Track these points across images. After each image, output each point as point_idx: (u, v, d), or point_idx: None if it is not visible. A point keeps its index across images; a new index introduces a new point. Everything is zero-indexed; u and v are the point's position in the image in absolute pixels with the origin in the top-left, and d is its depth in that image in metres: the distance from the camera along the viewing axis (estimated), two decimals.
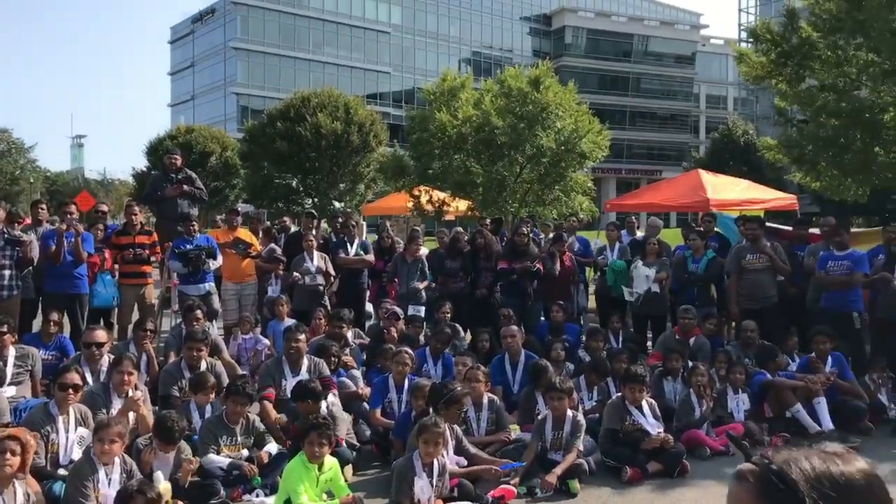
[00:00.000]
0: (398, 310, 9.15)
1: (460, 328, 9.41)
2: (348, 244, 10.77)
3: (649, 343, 9.99)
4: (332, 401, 6.39)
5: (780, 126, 17.49)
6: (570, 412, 6.06)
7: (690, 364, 7.44)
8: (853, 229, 11.11)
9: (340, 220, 12.08)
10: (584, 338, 8.92)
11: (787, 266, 9.31)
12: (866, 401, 7.55)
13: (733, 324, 9.74)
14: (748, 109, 74.41)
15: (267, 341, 8.95)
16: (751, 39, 16.65)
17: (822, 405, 7.09)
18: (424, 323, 9.56)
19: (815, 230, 10.60)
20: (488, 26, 73.29)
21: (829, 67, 14.67)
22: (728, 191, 14.58)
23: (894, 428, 7.35)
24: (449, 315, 9.20)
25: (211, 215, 27.19)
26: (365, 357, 8.54)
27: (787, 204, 15.15)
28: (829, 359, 7.76)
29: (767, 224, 11.32)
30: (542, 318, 10.04)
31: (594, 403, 7.18)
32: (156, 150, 39.81)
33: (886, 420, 7.55)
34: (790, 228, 11.08)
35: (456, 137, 19.18)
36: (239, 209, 11.53)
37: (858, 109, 14.18)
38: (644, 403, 6.31)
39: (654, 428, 6.21)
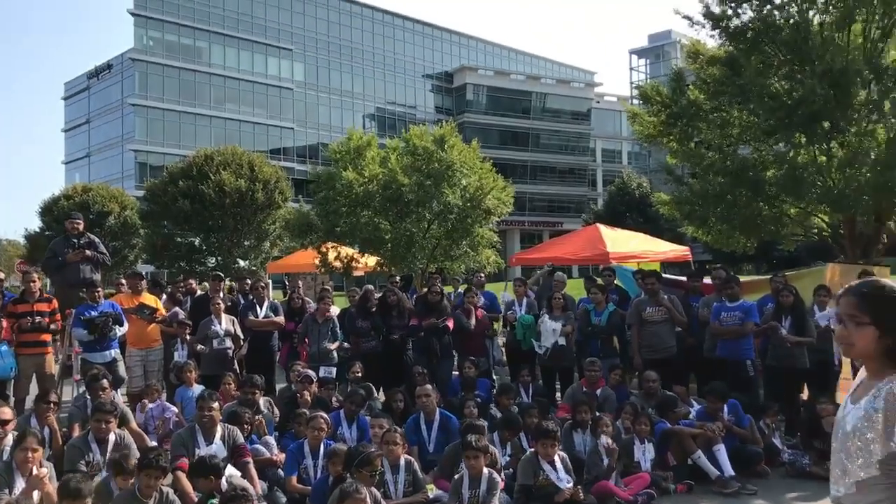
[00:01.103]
0: (311, 373, 9.10)
1: (373, 388, 9.44)
2: (258, 306, 10.69)
3: (558, 395, 10.25)
4: (230, 472, 6.25)
5: (671, 183, 18.44)
6: (485, 470, 6.18)
7: (598, 415, 7.69)
8: (743, 278, 11.77)
9: (249, 281, 11.98)
10: (495, 393, 9.08)
11: (684, 317, 9.80)
12: (761, 445, 7.96)
13: (635, 374, 10.12)
14: (642, 163, 77.89)
15: (175, 409, 8.72)
16: (642, 101, 17.57)
17: (721, 451, 7.44)
18: (337, 384, 9.54)
19: (709, 280, 11.19)
20: (391, 83, 74.46)
21: (714, 128, 15.65)
22: (626, 244, 15.21)
23: (787, 469, 7.77)
24: (360, 374, 9.23)
25: (110, 276, 26.30)
26: (277, 422, 8.44)
27: (680, 255, 15.93)
28: (726, 407, 8.16)
29: (664, 276, 11.91)
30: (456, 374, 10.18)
31: (507, 459, 7.32)
32: (50, 210, 38.37)
33: (780, 463, 7.97)
34: (685, 279, 11.64)
35: (363, 195, 19.33)
36: (143, 273, 11.28)
37: (742, 167, 15.16)
38: (556, 458, 6.49)
39: (565, 482, 6.39)
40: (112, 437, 6.56)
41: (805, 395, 9.42)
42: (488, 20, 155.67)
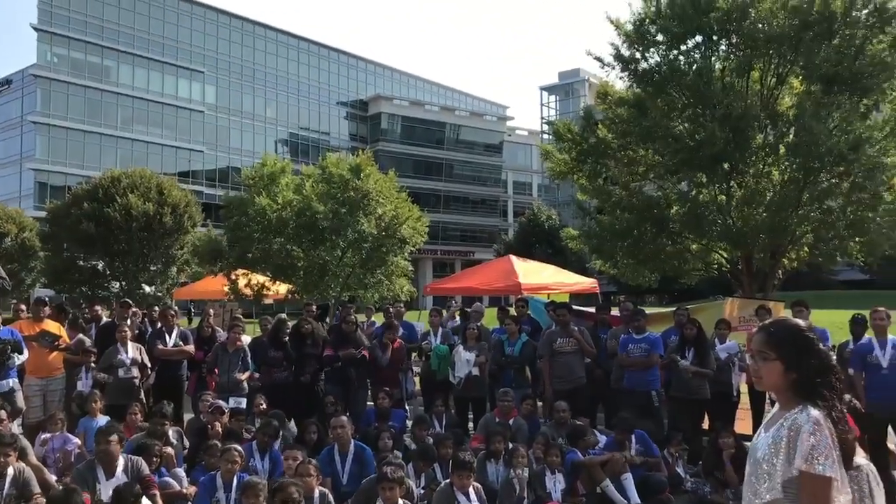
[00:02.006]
0: (222, 403, 8.92)
1: (284, 417, 9.31)
2: (167, 334, 10.43)
3: (470, 425, 10.35)
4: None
5: (580, 217, 19.00)
6: (401, 501, 6.19)
7: (511, 446, 7.81)
8: (648, 310, 12.24)
9: (158, 309, 11.67)
10: (409, 424, 9.11)
11: (593, 349, 10.09)
12: (666, 474, 8.25)
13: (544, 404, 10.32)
14: (551, 196, 79.79)
15: (77, 440, 8.37)
16: (554, 138, 18.09)
17: (629, 480, 7.67)
18: (248, 415, 9.37)
19: (616, 312, 11.57)
20: (305, 109, 74.02)
21: (621, 166, 16.27)
22: (537, 275, 15.56)
23: (690, 497, 8.07)
24: (263, 407, 9.10)
25: (6, 301, 25.06)
26: (186, 454, 8.23)
27: (589, 287, 16.39)
28: (633, 436, 8.42)
29: (574, 307, 12.25)
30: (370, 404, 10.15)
31: (422, 491, 7.35)
32: None
33: (684, 491, 8.27)
34: (594, 311, 12.00)
35: (276, 221, 19.13)
36: (46, 299, 10.83)
37: (647, 205, 15.80)
38: (471, 489, 6.56)
39: None
40: (10, 471, 6.28)
41: (706, 424, 9.81)
42: (404, 51, 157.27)
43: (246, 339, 10.88)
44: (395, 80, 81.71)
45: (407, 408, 11.21)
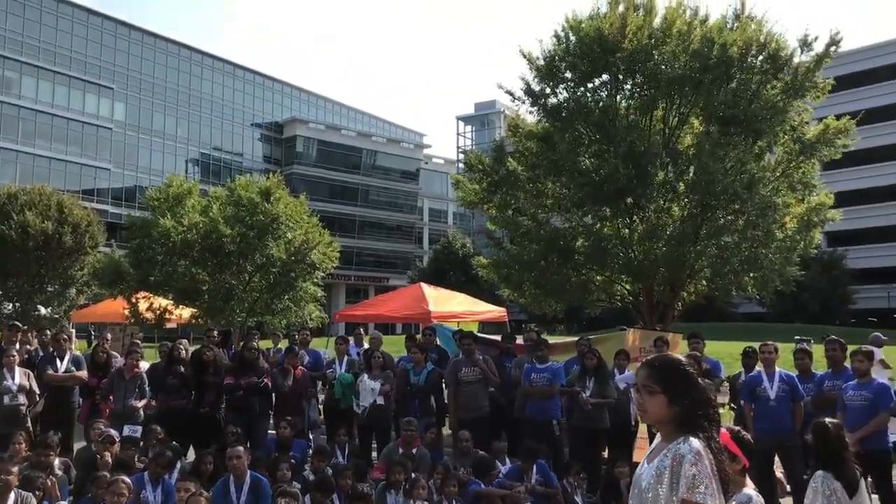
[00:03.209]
0: (113, 432, 8.58)
1: (180, 449, 9.02)
2: (58, 359, 9.98)
3: (375, 454, 10.26)
4: None
5: (491, 246, 19.25)
6: None
7: (414, 476, 7.79)
8: (552, 339, 12.46)
9: (50, 332, 11.18)
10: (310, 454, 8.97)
11: (497, 378, 10.20)
12: (565, 502, 8.37)
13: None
14: (466, 224, 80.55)
15: None
16: (466, 168, 18.34)
17: None
18: (141, 444, 9.03)
19: (521, 341, 11.73)
20: (218, 129, 72.57)
21: (530, 197, 16.58)
22: (447, 304, 15.65)
23: None
24: (161, 436, 8.81)
25: None
26: (72, 486, 7.86)
27: (498, 316, 16.59)
28: (535, 466, 8.53)
29: (480, 335, 12.36)
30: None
31: None
32: None
33: None
34: (500, 339, 12.13)
35: (181, 244, 18.67)
36: None
37: (554, 236, 16.14)
38: None
39: None
40: None
41: (606, 453, 10.01)
42: (322, 75, 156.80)
43: (144, 366, 10.54)
44: (311, 104, 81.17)
45: (310, 437, 11.03)
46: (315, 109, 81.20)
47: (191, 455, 9.12)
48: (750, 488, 3.94)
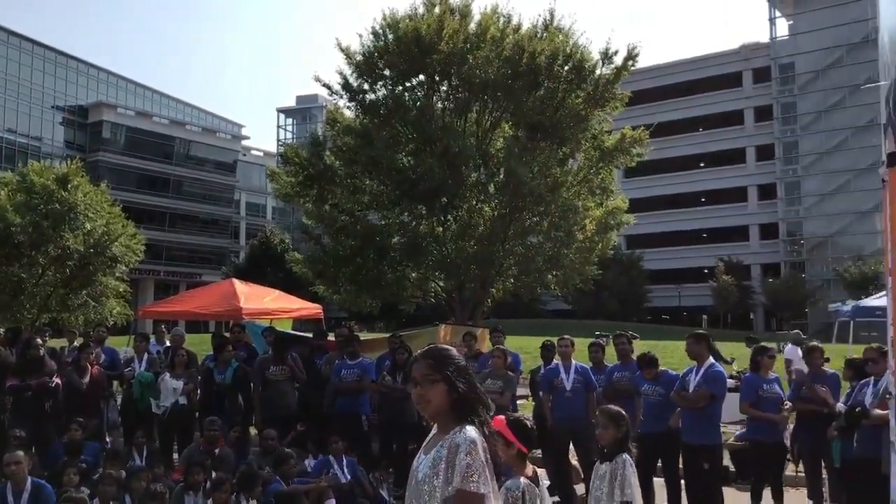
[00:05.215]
0: None
1: None
2: None
3: (177, 456, 9.85)
4: None
5: (307, 241, 19.05)
6: None
7: (214, 476, 7.55)
8: (365, 336, 12.53)
9: None
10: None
11: (303, 375, 10.11)
12: (370, 497, 8.44)
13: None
14: (286, 219, 78.98)
15: None
16: (282, 161, 18.03)
17: None
18: None
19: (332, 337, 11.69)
20: (13, 110, 66.44)
21: (347, 193, 16.58)
22: (259, 300, 15.25)
23: None
24: None
25: None
26: None
27: (314, 313, 16.41)
28: (345, 460, 8.53)
29: (292, 333, 12.19)
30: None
31: None
32: None
33: None
34: (311, 336, 12.02)
35: None
36: None
37: (370, 232, 16.25)
38: None
39: None
40: None
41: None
42: (134, 59, 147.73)
43: None
44: (120, 88, 76.24)
45: (108, 439, 10.42)
46: (125, 94, 76.36)
47: None
48: (528, 473, 4.10)
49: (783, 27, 67.13)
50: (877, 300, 14.49)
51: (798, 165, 63.62)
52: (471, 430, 2.74)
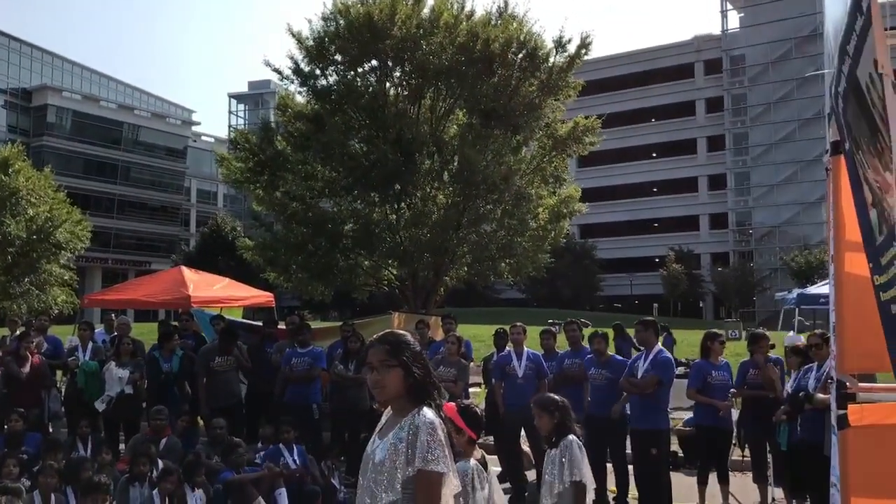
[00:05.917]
0: None
1: None
2: None
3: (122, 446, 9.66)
4: None
5: (259, 228, 18.81)
6: None
7: (161, 463, 7.42)
8: (317, 324, 12.40)
9: None
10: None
11: (249, 364, 9.99)
12: (321, 485, 8.37)
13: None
14: (237, 207, 77.86)
15: None
16: (232, 146, 17.74)
17: (282, 494, 7.66)
18: None
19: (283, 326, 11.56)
20: None
21: (299, 180, 16.38)
22: (209, 288, 15.01)
23: None
24: None
25: None
26: None
27: (264, 301, 16.20)
28: (295, 448, 8.44)
29: (242, 321, 12.01)
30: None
31: None
32: None
33: (338, 501, 8.45)
34: (261, 325, 11.87)
35: None
36: None
37: (322, 219, 16.08)
38: None
39: None
40: None
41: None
42: (80, 42, 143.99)
43: None
44: (66, 71, 74.17)
45: (50, 429, 10.17)
46: (71, 77, 74.32)
47: None
48: (474, 458, 4.15)
49: (734, 19, 68.28)
50: (820, 288, 14.87)
51: (748, 157, 64.92)
52: (429, 412, 2.78)
